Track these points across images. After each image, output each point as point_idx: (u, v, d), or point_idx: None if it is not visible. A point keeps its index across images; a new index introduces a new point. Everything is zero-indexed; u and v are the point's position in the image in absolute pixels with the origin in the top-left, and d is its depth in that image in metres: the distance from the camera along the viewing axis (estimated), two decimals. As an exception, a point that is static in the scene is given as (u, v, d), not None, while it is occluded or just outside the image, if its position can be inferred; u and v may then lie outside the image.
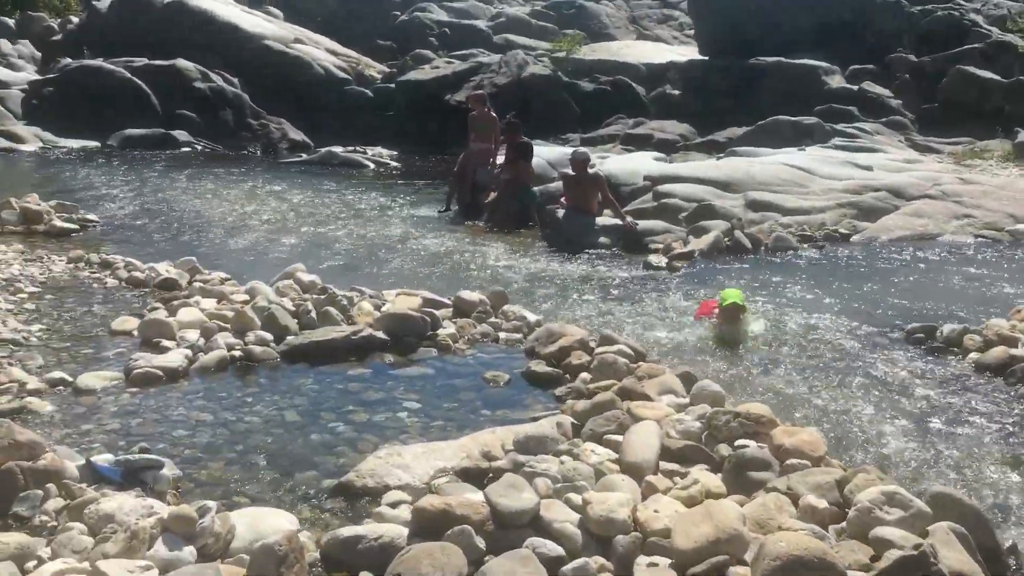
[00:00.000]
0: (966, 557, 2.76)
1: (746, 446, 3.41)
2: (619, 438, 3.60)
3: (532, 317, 6.03)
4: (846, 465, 3.47)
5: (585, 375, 4.80)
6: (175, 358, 5.04)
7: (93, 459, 3.37)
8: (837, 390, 4.82)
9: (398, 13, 27.13)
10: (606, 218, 9.51)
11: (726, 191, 10.07)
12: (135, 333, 5.61)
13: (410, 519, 3.08)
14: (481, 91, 15.64)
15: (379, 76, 21.99)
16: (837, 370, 5.21)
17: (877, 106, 16.67)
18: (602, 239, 9.17)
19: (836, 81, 17.78)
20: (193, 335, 5.45)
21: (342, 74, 21.44)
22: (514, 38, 24.00)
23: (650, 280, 7.77)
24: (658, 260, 8.30)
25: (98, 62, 20.03)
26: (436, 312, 5.87)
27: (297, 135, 19.75)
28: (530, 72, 19.90)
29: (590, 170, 9.63)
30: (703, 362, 5.43)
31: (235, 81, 20.22)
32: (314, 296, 6.14)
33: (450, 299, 6.36)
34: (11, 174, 14.61)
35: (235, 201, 11.89)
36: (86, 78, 19.51)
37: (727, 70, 18.99)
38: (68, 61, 20.79)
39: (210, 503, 2.97)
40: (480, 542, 2.92)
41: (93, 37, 21.95)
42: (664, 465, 3.40)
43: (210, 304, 6.18)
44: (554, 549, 2.92)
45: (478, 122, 11.82)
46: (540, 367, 5.01)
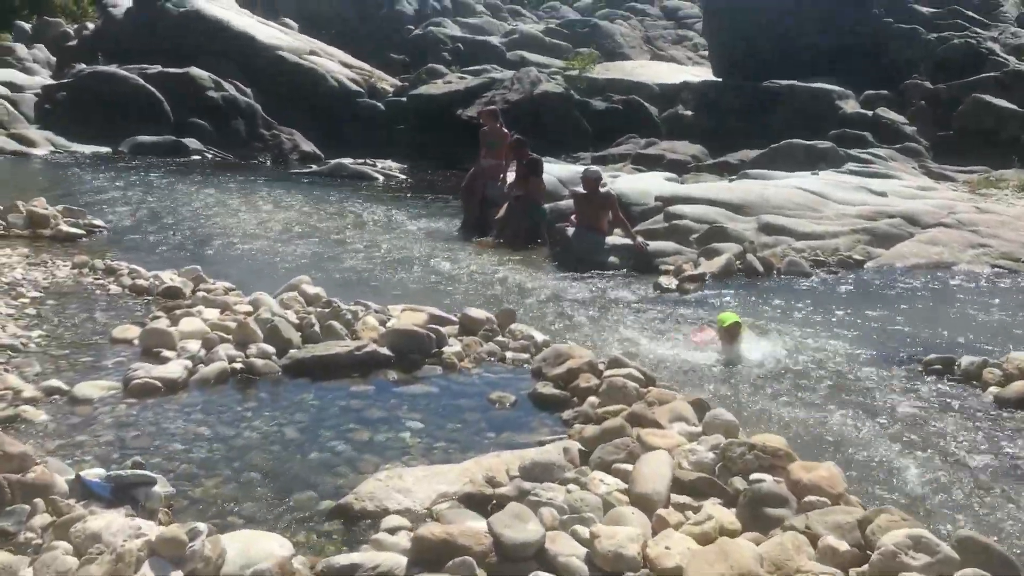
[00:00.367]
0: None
1: (762, 480, 3.26)
2: (629, 467, 3.45)
3: (540, 337, 5.91)
4: (865, 503, 3.33)
5: (593, 399, 4.66)
6: (175, 369, 4.93)
7: (83, 474, 3.25)
8: (853, 422, 4.67)
9: (412, 27, 27.24)
10: (616, 237, 9.39)
11: (739, 213, 9.96)
12: (136, 342, 5.51)
13: (409, 547, 2.95)
14: (493, 107, 15.59)
15: (391, 89, 22.03)
16: (852, 401, 5.06)
17: (891, 132, 16.57)
18: (612, 258, 9.05)
19: (850, 106, 17.69)
20: (194, 346, 5.34)
21: (355, 87, 21.48)
22: (528, 55, 24.01)
23: (660, 302, 7.64)
24: (668, 282, 8.17)
25: (112, 68, 20.11)
26: (442, 329, 5.74)
27: (308, 146, 19.77)
28: (543, 89, 19.89)
29: (602, 189, 9.52)
30: (714, 388, 5.31)
31: (248, 91, 20.27)
32: (318, 309, 6.03)
33: (456, 316, 6.24)
34: (20, 177, 14.60)
35: (243, 210, 11.83)
36: (100, 84, 19.60)
37: (741, 92, 18.96)
38: (82, 67, 20.88)
39: (201, 525, 2.84)
40: (482, 575, 2.79)
41: (108, 43, 22.04)
42: (675, 498, 3.25)
43: (213, 314, 6.07)
44: (560, 584, 2.78)
45: (489, 138, 11.74)
46: (547, 389, 4.88)
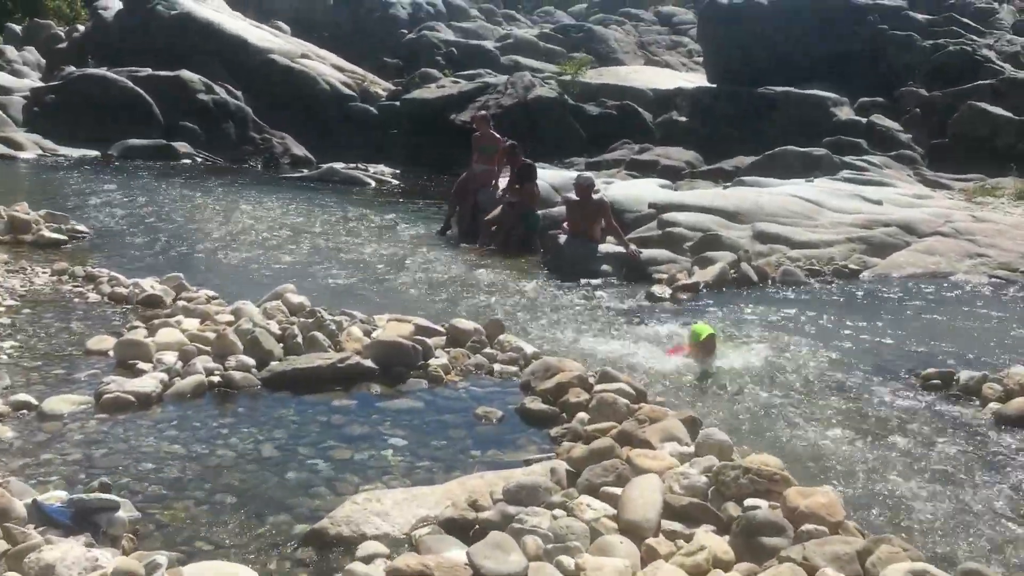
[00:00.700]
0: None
1: (757, 507, 3.10)
2: (617, 491, 3.29)
3: (529, 349, 5.75)
4: (865, 531, 3.17)
5: (583, 415, 4.51)
6: (149, 383, 4.76)
7: (40, 499, 3.08)
8: (849, 440, 4.52)
9: (406, 31, 27.08)
10: (609, 245, 9.24)
11: (733, 221, 9.80)
12: (111, 353, 5.35)
13: (385, 579, 2.80)
14: (485, 112, 15.46)
15: (384, 94, 21.87)
16: (848, 417, 4.91)
17: (886, 139, 16.45)
18: (604, 267, 8.88)
19: (845, 113, 17.57)
20: (171, 358, 5.18)
21: (347, 90, 21.31)
22: (521, 60, 23.87)
23: (653, 312, 7.48)
24: (661, 291, 8.01)
25: (101, 71, 19.93)
26: (428, 340, 5.59)
27: (299, 150, 19.59)
28: (536, 94, 19.74)
29: (594, 195, 9.36)
30: (706, 403, 5.15)
31: (239, 94, 20.10)
32: (302, 319, 5.87)
33: (443, 326, 6.09)
34: (5, 181, 14.38)
35: (231, 216, 11.65)
36: (89, 86, 19.39)
37: (735, 98, 18.82)
38: (71, 69, 20.67)
39: (160, 558, 2.67)
40: (461, 610, 2.63)
41: (98, 46, 21.84)
42: (666, 524, 3.08)
43: (193, 324, 5.91)
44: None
45: (481, 143, 11.60)
46: (535, 404, 4.73)
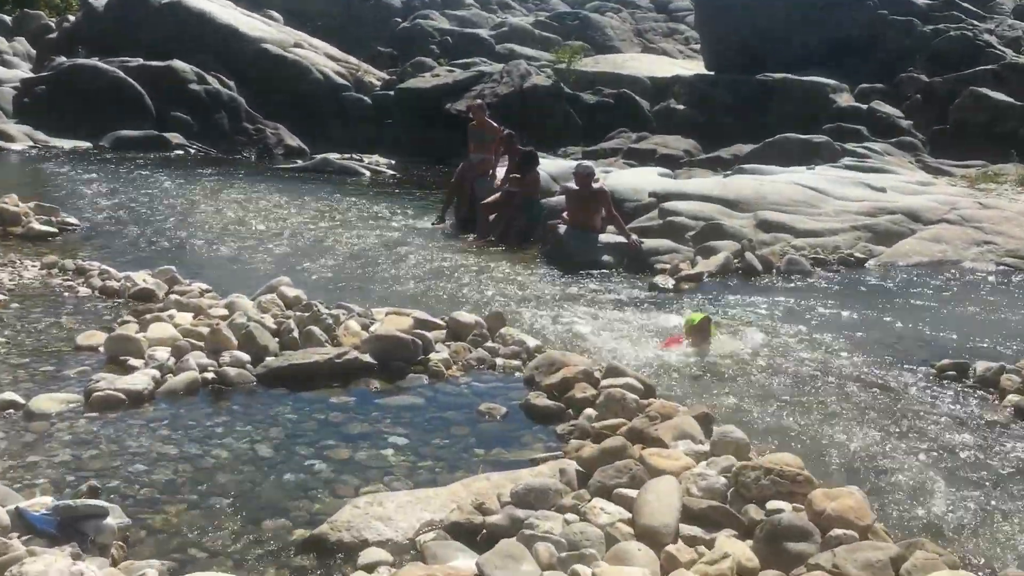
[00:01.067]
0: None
1: (781, 510, 2.96)
2: (631, 493, 3.14)
3: (532, 342, 5.59)
4: (894, 533, 3.02)
5: (590, 411, 4.36)
6: (140, 380, 4.59)
7: (24, 507, 2.91)
8: (866, 435, 4.37)
9: (399, 20, 26.81)
10: (610, 235, 9.07)
11: (735, 210, 9.64)
12: (101, 349, 5.18)
13: (389, 589, 2.65)
14: (481, 100, 15.27)
15: (378, 83, 21.63)
16: (863, 411, 4.77)
17: (886, 126, 16.30)
18: (605, 257, 8.73)
19: (844, 99, 17.41)
20: (163, 354, 5.01)
21: (341, 80, 21.06)
22: (517, 48, 23.64)
23: (657, 303, 7.32)
24: (664, 281, 7.86)
25: (92, 61, 19.63)
26: (428, 334, 5.42)
27: (293, 141, 19.37)
28: (532, 83, 19.54)
29: (594, 184, 9.19)
30: (716, 397, 5.00)
31: (231, 84, 19.84)
32: (297, 313, 5.70)
33: (443, 320, 5.93)
34: (-5, 173, 14.17)
35: (225, 207, 11.45)
36: (79, 77, 19.11)
37: (733, 85, 18.66)
38: (62, 59, 20.37)
39: (150, 570, 2.51)
40: (471, 623, 2.48)
41: (89, 36, 21.52)
42: (684, 528, 2.93)
43: (185, 319, 5.74)
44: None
45: (478, 132, 11.41)
46: (540, 400, 4.57)
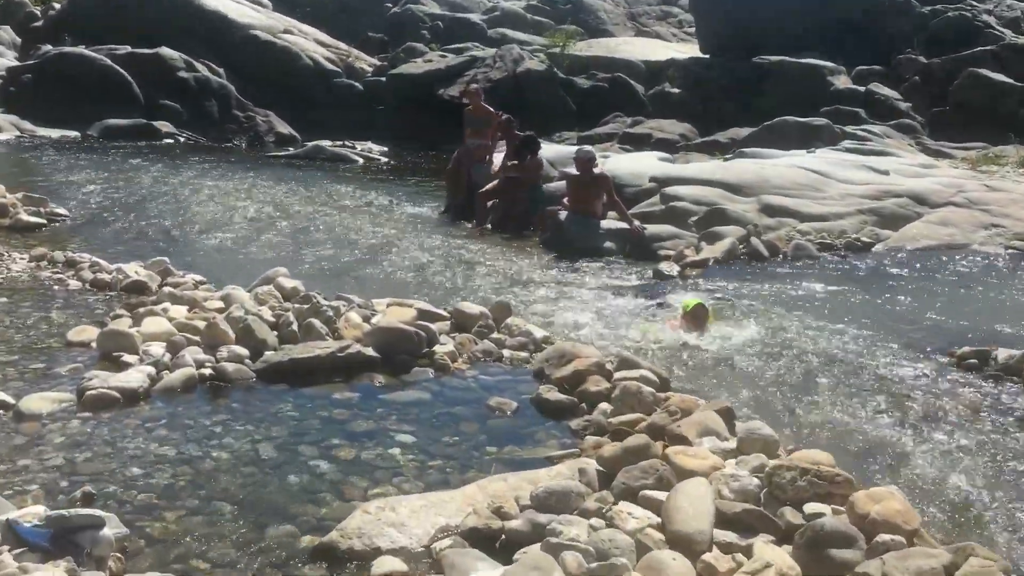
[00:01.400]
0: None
1: (821, 514, 2.80)
2: (659, 495, 2.98)
3: (539, 333, 5.42)
4: (939, 538, 2.87)
5: (605, 406, 4.19)
6: (135, 377, 4.41)
7: (15, 518, 2.73)
8: (891, 428, 4.22)
9: (390, 5, 26.48)
10: (611, 221, 8.90)
11: (738, 194, 9.46)
12: (93, 345, 4.99)
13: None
14: (476, 85, 15.06)
15: (370, 69, 21.39)
16: (885, 402, 4.61)
17: (885, 108, 16.16)
18: (608, 244, 8.55)
19: (842, 82, 17.25)
20: (158, 349, 4.82)
21: (332, 66, 20.81)
22: (509, 32, 23.37)
23: (663, 290, 7.15)
24: (670, 268, 7.69)
25: (79, 49, 19.34)
26: (432, 326, 5.25)
27: (284, 128, 19.14)
28: (525, 67, 19.33)
29: (595, 170, 9.00)
30: (732, 388, 4.84)
31: (221, 71, 19.58)
32: (296, 305, 5.51)
33: (447, 310, 5.76)
34: (-19, 164, 13.91)
35: (216, 196, 11.23)
36: (66, 66, 18.83)
37: (729, 69, 18.48)
38: (48, 48, 20.04)
39: (152, 587, 2.35)
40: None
41: (75, 23, 21.17)
42: (718, 534, 2.77)
43: (180, 312, 5.54)
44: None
45: (474, 117, 11.19)
46: (552, 394, 4.40)
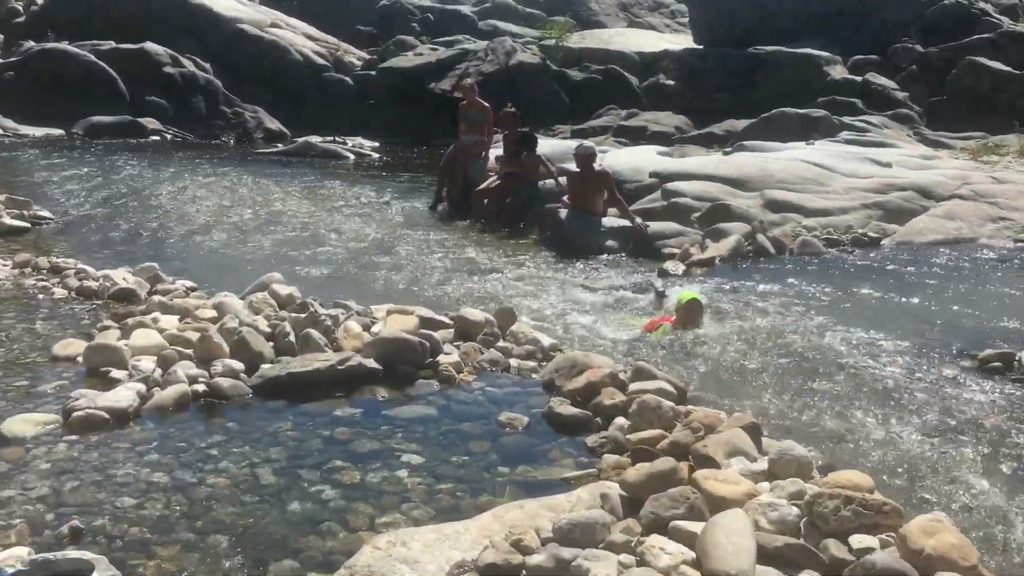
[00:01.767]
0: None
1: (870, 548, 2.59)
2: (691, 527, 2.77)
3: (546, 340, 5.21)
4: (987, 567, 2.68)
5: (621, 420, 3.99)
6: (125, 396, 4.18)
7: (-6, 567, 2.52)
8: (919, 441, 4.02)
9: (379, -2, 26.12)
10: (613, 219, 8.69)
11: (740, 189, 9.26)
12: (80, 360, 4.76)
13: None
14: (470, 78, 14.81)
15: (359, 63, 21.09)
16: (908, 410, 4.42)
17: (882, 98, 15.97)
18: (610, 242, 8.34)
19: (838, 72, 17.06)
20: (148, 364, 4.59)
21: (321, 60, 20.51)
22: (500, 24, 23.10)
23: (669, 291, 6.94)
24: (675, 267, 7.49)
25: (63, 45, 19.00)
26: (435, 335, 5.03)
27: (273, 124, 18.85)
28: (518, 60, 19.07)
29: (596, 166, 8.78)
30: (742, 396, 4.62)
31: (207, 67, 19.27)
32: (292, 314, 5.28)
33: (449, 316, 5.54)
34: (-37, 164, 13.59)
35: (206, 196, 10.98)
36: (50, 62, 18.50)
37: (723, 59, 18.29)
38: (31, 44, 19.67)
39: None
40: None
41: (58, 19, 20.79)
42: (758, 570, 2.56)
43: (171, 323, 5.32)
44: None
45: (469, 112, 10.95)
46: (564, 408, 4.18)
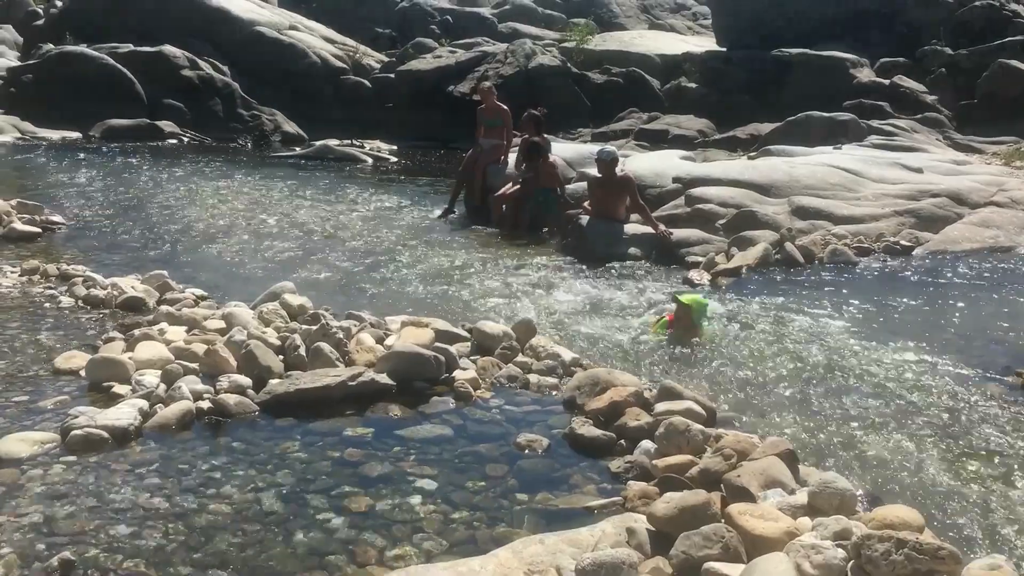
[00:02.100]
0: None
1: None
2: (727, 570, 2.54)
3: (567, 355, 4.97)
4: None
5: (647, 444, 3.75)
6: (126, 414, 3.98)
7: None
8: (971, 469, 3.76)
9: (398, 0, 26.04)
10: (635, 226, 8.44)
11: (767, 195, 8.99)
12: (82, 373, 4.58)
13: None
14: (489, 82, 14.61)
15: (378, 66, 20.98)
16: (956, 434, 4.16)
17: (911, 102, 15.65)
18: (632, 250, 8.09)
19: (865, 75, 16.75)
20: (152, 379, 4.39)
21: (339, 63, 20.43)
22: (520, 27, 22.93)
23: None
24: (700, 276, 7.23)
25: (81, 48, 19.03)
26: (451, 348, 4.81)
27: (291, 127, 18.79)
28: (538, 63, 18.91)
29: (619, 172, 8.54)
30: (776, 415, 4.38)
31: (225, 69, 19.25)
32: (303, 326, 5.08)
33: (465, 327, 5.33)
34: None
35: (221, 200, 10.85)
36: (67, 65, 18.55)
37: (747, 62, 18.03)
38: (49, 47, 19.71)
39: None
40: None
41: (77, 22, 20.84)
42: (805, 623, 2.34)
43: (178, 334, 5.13)
44: None
45: (488, 116, 10.73)
46: (586, 429, 3.95)
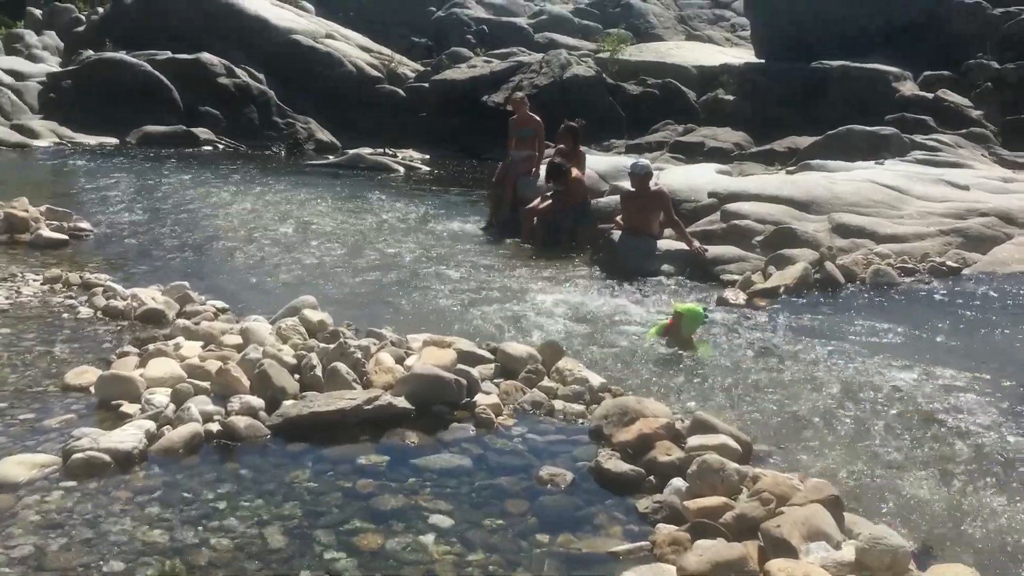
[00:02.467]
0: None
1: None
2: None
3: (596, 380, 4.74)
4: None
5: (679, 482, 3.50)
6: (131, 436, 3.81)
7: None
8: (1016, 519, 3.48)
9: (434, 9, 26.02)
10: (669, 242, 8.19)
11: (806, 212, 8.69)
12: (92, 390, 4.43)
13: None
14: (522, 92, 14.45)
15: (413, 75, 20.92)
16: (1016, 479, 3.86)
17: (955, 116, 15.19)
18: (665, 266, 7.84)
19: (908, 88, 16.31)
20: (162, 398, 4.24)
21: (374, 72, 20.39)
22: (556, 37, 22.76)
23: (730, 323, 6.42)
24: (735, 296, 6.96)
25: (119, 55, 19.21)
26: (473, 371, 4.60)
27: (324, 135, 18.77)
28: (573, 73, 18.70)
29: (653, 186, 8.30)
30: (817, 453, 4.10)
31: (261, 77, 19.29)
32: (321, 344, 4.91)
33: (488, 347, 5.12)
34: (14, 172, 13.62)
35: (250, 209, 10.76)
36: (106, 71, 18.73)
37: (786, 74, 17.67)
38: (89, 53, 19.91)
39: None
40: None
41: (117, 29, 21.04)
42: None
43: (194, 349, 4.98)
44: None
45: (520, 127, 10.53)
46: (613, 464, 3.71)
